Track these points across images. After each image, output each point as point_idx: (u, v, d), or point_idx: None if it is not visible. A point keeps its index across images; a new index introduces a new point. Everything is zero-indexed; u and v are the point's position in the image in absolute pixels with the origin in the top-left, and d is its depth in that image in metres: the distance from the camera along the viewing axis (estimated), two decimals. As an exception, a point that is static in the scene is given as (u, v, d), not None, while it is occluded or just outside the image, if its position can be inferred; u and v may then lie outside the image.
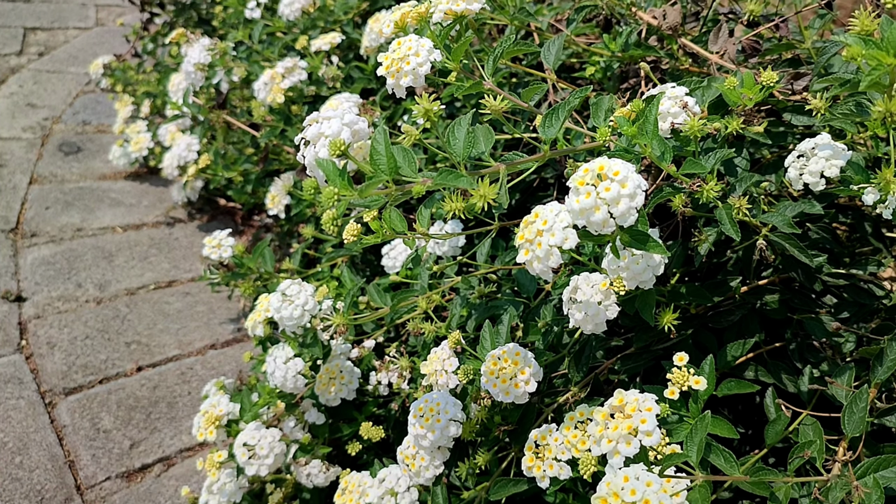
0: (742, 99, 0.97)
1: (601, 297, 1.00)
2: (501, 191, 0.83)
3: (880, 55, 0.67)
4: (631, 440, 0.75)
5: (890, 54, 0.67)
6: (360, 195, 0.74)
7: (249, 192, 1.87)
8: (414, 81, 0.95)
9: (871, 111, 0.75)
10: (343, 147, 0.75)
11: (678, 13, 1.24)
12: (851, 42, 0.70)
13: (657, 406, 0.78)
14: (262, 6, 1.86)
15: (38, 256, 1.98)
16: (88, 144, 2.44)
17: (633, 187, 0.77)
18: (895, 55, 0.67)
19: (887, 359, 0.87)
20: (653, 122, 0.87)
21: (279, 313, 1.15)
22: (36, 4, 3.27)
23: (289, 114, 1.67)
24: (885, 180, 0.85)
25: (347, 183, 0.74)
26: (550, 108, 0.93)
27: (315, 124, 0.82)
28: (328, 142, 0.76)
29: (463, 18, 1.06)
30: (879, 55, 0.67)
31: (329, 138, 0.79)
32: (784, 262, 1.09)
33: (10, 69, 2.82)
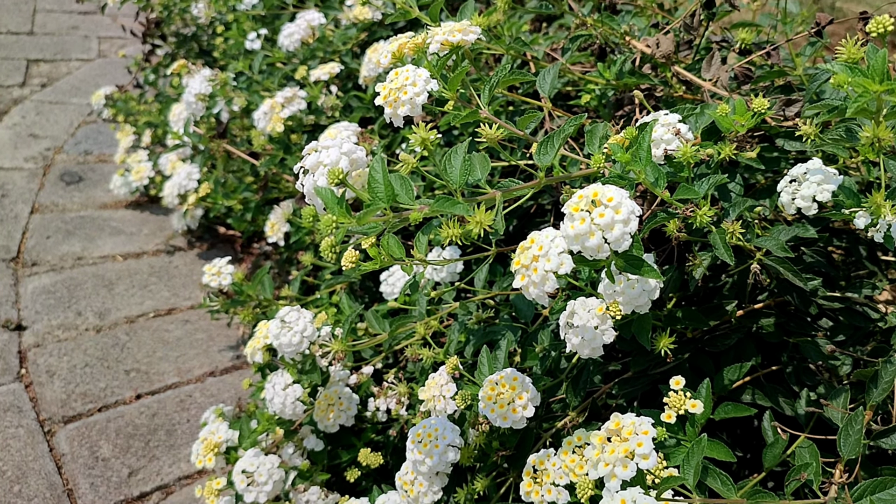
0: (734, 125, 0.98)
1: (597, 322, 1.01)
2: (497, 217, 0.84)
3: (866, 82, 0.69)
4: (628, 463, 0.76)
5: (875, 81, 0.69)
6: (358, 222, 0.75)
7: (249, 220, 1.88)
8: (411, 111, 0.97)
9: (860, 137, 0.76)
10: (341, 175, 0.76)
11: (671, 42, 1.26)
12: (838, 70, 0.71)
13: (653, 429, 0.78)
14: (262, 37, 1.89)
15: (38, 285, 1.98)
16: (90, 174, 2.46)
17: (626, 213, 0.78)
18: (880, 82, 0.68)
19: (882, 381, 0.87)
20: (646, 149, 0.89)
21: (278, 340, 1.16)
22: (39, 37, 3.31)
23: (288, 142, 1.69)
24: (875, 204, 0.87)
25: (345, 210, 0.75)
26: (546, 136, 0.95)
27: (314, 153, 0.84)
28: (326, 170, 0.78)
29: (459, 49, 1.08)
30: (865, 82, 0.69)
31: (327, 167, 0.80)
32: (779, 286, 1.10)
33: (13, 100, 2.85)
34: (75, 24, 3.45)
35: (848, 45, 0.77)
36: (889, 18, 0.76)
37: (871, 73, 0.69)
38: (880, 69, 0.69)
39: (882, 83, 0.68)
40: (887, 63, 0.69)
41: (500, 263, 1.45)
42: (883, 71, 0.69)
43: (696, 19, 1.28)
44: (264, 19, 2.01)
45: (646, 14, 1.47)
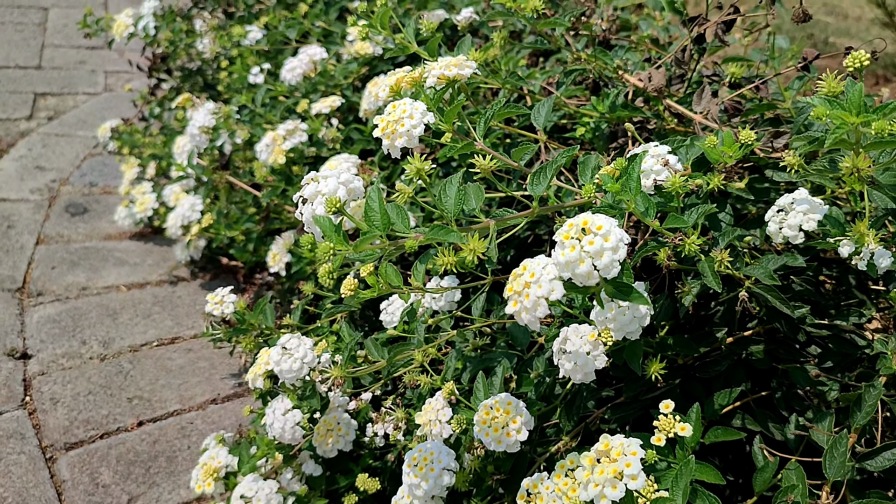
0: (722, 156, 1.01)
1: (590, 348, 1.03)
2: (491, 245, 0.87)
3: (844, 115, 0.72)
4: (617, 484, 0.78)
5: (852, 114, 0.72)
6: (355, 250, 0.78)
7: (251, 251, 1.91)
8: (408, 142, 1.00)
9: (841, 167, 0.79)
10: (339, 204, 0.79)
11: (663, 76, 1.30)
12: (817, 103, 0.75)
13: (642, 450, 0.80)
14: (265, 72, 1.93)
15: (43, 315, 2.01)
16: (95, 205, 2.50)
17: (615, 241, 0.81)
18: (857, 114, 0.71)
19: (866, 404, 0.89)
20: (635, 179, 0.92)
21: (279, 366, 1.18)
22: (47, 71, 3.37)
23: (290, 174, 1.73)
24: (859, 233, 0.90)
25: (343, 238, 0.78)
26: (539, 167, 0.98)
27: (312, 183, 0.87)
28: (325, 199, 0.81)
29: (455, 83, 1.12)
30: (843, 115, 0.72)
31: (326, 196, 0.83)
32: (768, 314, 1.12)
33: (20, 133, 2.90)
34: (83, 58, 3.51)
35: (828, 79, 0.80)
36: (865, 54, 0.80)
37: (849, 106, 0.72)
38: (857, 102, 0.72)
39: (858, 115, 0.72)
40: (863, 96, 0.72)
41: (497, 293, 1.48)
42: (859, 103, 0.72)
43: (687, 54, 1.32)
44: (267, 54, 2.06)
45: (639, 49, 1.52)
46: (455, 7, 1.89)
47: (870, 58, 0.80)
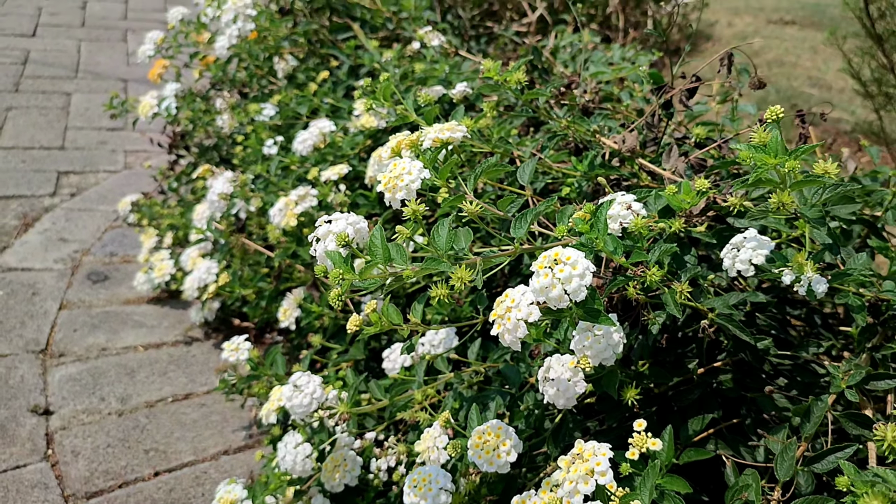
0: (682, 203, 1.15)
1: (570, 374, 1.14)
2: (477, 276, 1.00)
3: (764, 157, 0.86)
4: (588, 480, 0.89)
5: (771, 156, 0.86)
6: (360, 277, 0.91)
7: (263, 308, 2.04)
8: (407, 195, 1.15)
9: (770, 202, 0.93)
10: (347, 239, 0.93)
11: (635, 138, 1.45)
12: (742, 148, 0.89)
13: (610, 452, 0.91)
14: (278, 144, 2.10)
15: (65, 374, 2.13)
16: (115, 273, 2.65)
17: (582, 269, 0.94)
18: (775, 156, 0.85)
19: (813, 416, 1.00)
20: (603, 221, 1.05)
21: (290, 402, 1.30)
22: (70, 151, 3.57)
23: (301, 236, 1.87)
24: (798, 263, 1.02)
25: (350, 268, 0.91)
26: (521, 213, 1.12)
27: (325, 224, 1.01)
28: (335, 236, 0.94)
29: (448, 145, 1.27)
30: (764, 157, 0.86)
31: (336, 233, 0.97)
32: (734, 345, 1.24)
33: (44, 208, 3.07)
34: (103, 139, 3.72)
35: (759, 131, 0.95)
36: (779, 108, 0.94)
37: (769, 150, 0.86)
38: (775, 147, 0.86)
39: (776, 157, 0.85)
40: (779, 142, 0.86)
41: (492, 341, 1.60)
42: (776, 148, 0.86)
43: (656, 118, 1.48)
44: (280, 128, 2.23)
45: (615, 117, 1.68)
46: (452, 83, 2.07)
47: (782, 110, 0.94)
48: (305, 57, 2.66)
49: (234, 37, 2.38)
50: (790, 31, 5.19)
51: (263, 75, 2.66)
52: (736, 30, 5.16)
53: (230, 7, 2.36)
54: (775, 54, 4.64)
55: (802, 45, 4.85)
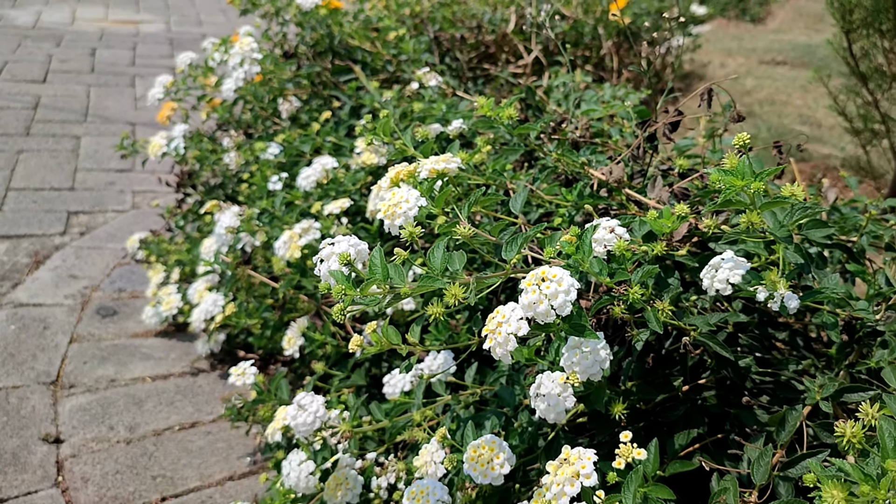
0: (663, 227, 1.23)
1: (560, 390, 1.21)
2: (470, 294, 1.07)
3: (732, 180, 0.94)
4: (574, 482, 0.94)
5: (738, 179, 0.93)
6: (361, 293, 0.98)
7: (268, 337, 2.10)
8: (405, 222, 1.22)
9: (740, 222, 1.00)
10: (348, 258, 1.00)
11: (621, 170, 1.54)
12: (713, 172, 0.97)
13: (595, 456, 0.97)
14: (282, 180, 2.19)
15: (75, 404, 2.19)
16: (123, 308, 2.72)
17: (567, 285, 1.01)
18: (742, 179, 0.93)
19: (788, 424, 1.06)
20: (588, 244, 1.13)
21: (295, 420, 1.36)
22: (79, 192, 3.67)
23: (304, 267, 1.94)
24: (771, 281, 1.09)
25: (352, 285, 0.99)
26: (512, 238, 1.20)
27: (329, 247, 1.08)
28: (338, 256, 1.02)
29: (444, 175, 1.35)
30: (732, 180, 0.94)
31: (339, 254, 1.04)
32: (717, 363, 1.30)
33: (55, 247, 3.15)
34: (112, 180, 3.82)
35: (730, 156, 1.03)
36: (746, 135, 1.02)
37: (736, 173, 0.94)
38: (742, 170, 0.94)
39: (743, 180, 0.93)
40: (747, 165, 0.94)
41: (488, 365, 1.66)
42: (744, 171, 0.94)
43: (641, 151, 1.57)
44: (284, 166, 2.32)
45: (604, 151, 1.76)
46: (449, 121, 2.16)
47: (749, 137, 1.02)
48: (309, 98, 2.76)
49: (241, 79, 2.48)
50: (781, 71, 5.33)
51: (268, 116, 2.76)
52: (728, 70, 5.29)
53: (237, 51, 2.47)
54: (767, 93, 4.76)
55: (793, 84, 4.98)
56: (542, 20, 1.97)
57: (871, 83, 2.99)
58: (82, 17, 6.71)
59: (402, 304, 1.83)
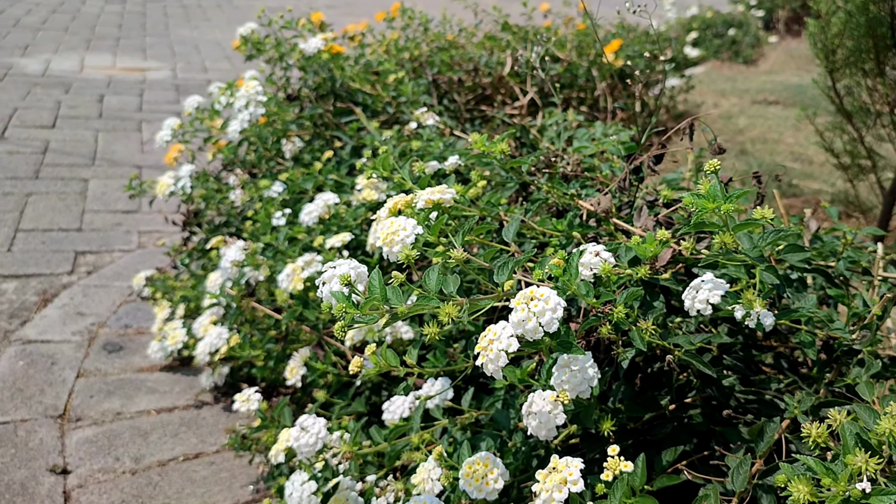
0: (646, 251, 1.30)
1: (550, 408, 1.26)
2: (463, 314, 1.13)
3: (704, 202, 1.01)
4: (562, 489, 1.00)
5: (710, 201, 1.00)
6: (361, 311, 1.05)
7: (271, 368, 2.16)
8: (402, 249, 1.29)
9: (714, 243, 1.07)
10: (348, 279, 1.07)
11: (609, 200, 1.61)
12: (686, 196, 1.04)
13: (582, 465, 1.03)
14: (286, 216, 2.27)
15: (82, 436, 2.23)
16: (129, 344, 2.77)
17: (554, 304, 1.07)
18: (713, 201, 1.00)
19: (766, 435, 1.12)
20: (575, 266, 1.20)
21: (298, 441, 1.41)
22: (87, 232, 3.75)
23: (306, 299, 2.01)
24: (748, 300, 1.16)
25: (352, 304, 1.05)
26: (503, 262, 1.26)
27: (330, 269, 1.15)
28: (339, 277, 1.09)
29: (439, 206, 1.42)
30: (703, 202, 1.01)
31: (339, 276, 1.11)
32: (701, 382, 1.36)
33: (62, 286, 3.22)
34: (118, 221, 3.91)
35: (704, 183, 1.10)
36: (717, 161, 1.09)
37: (707, 196, 1.01)
38: (713, 192, 1.01)
39: (713, 202, 1.00)
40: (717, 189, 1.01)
41: (484, 391, 1.72)
42: (715, 194, 1.01)
43: (627, 182, 1.64)
44: (287, 203, 2.40)
45: (593, 184, 1.84)
46: (446, 158, 2.25)
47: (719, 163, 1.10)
48: (311, 139, 2.86)
49: (246, 121, 2.58)
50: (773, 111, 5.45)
51: (272, 157, 2.85)
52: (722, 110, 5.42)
53: (242, 94, 2.57)
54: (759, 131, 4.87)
55: (785, 123, 5.09)
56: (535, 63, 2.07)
57: (856, 120, 3.08)
58: (90, 64, 6.88)
59: (401, 333, 1.89)
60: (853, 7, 2.82)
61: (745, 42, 7.81)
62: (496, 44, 4.05)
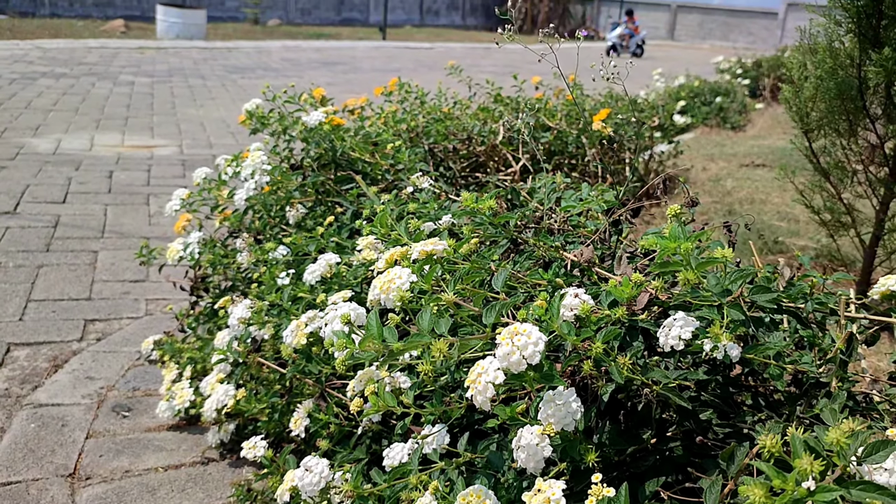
0: (622, 293, 1.41)
1: (538, 440, 1.35)
2: (454, 351, 1.24)
3: (666, 242, 1.12)
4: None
5: (672, 241, 1.12)
6: (360, 347, 1.15)
7: (276, 421, 2.24)
8: (398, 295, 1.41)
9: (679, 279, 1.19)
10: (348, 318, 1.18)
11: (591, 251, 1.73)
12: (650, 236, 1.16)
13: (564, 484, 1.11)
14: (290, 276, 2.39)
15: (91, 494, 2.30)
16: (137, 405, 2.86)
17: (535, 338, 1.18)
18: (674, 241, 1.12)
19: (737, 458, 1.21)
20: (557, 307, 1.31)
21: (302, 481, 1.49)
22: (96, 301, 3.87)
23: (309, 353, 2.11)
24: (715, 333, 1.27)
25: (351, 341, 1.16)
26: (490, 306, 1.38)
27: (333, 311, 1.26)
28: (339, 317, 1.20)
29: (433, 256, 1.54)
30: (665, 243, 1.12)
31: (340, 315, 1.22)
32: (680, 416, 1.45)
33: (72, 352, 3.32)
34: (127, 290, 4.02)
35: (669, 226, 1.22)
36: (677, 206, 1.21)
37: (669, 237, 1.13)
38: (675, 233, 1.13)
39: (675, 242, 1.12)
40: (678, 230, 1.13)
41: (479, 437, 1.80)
42: (676, 235, 1.12)
43: (608, 234, 1.76)
44: (291, 264, 2.52)
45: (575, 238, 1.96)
46: (440, 219, 2.38)
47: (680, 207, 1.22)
48: (314, 205, 3.00)
49: (252, 189, 2.72)
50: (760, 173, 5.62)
51: (276, 224, 2.99)
52: (710, 173, 5.59)
53: (248, 163, 2.72)
54: (746, 192, 5.03)
55: (771, 184, 5.26)
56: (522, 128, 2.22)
57: (833, 178, 3.23)
58: (100, 143, 7.12)
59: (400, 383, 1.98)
60: (822, 73, 2.99)
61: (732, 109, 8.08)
62: (489, 114, 4.24)
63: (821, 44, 3.09)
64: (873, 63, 2.85)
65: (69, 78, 11.16)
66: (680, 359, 1.56)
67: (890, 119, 3.07)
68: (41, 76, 11.10)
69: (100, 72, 12.09)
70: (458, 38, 27.41)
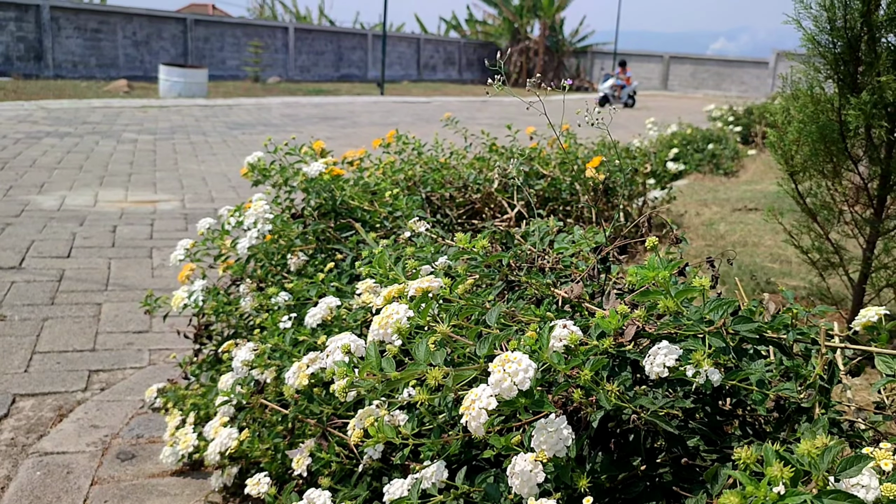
0: (608, 325, 1.48)
1: (531, 467, 1.41)
2: (449, 380, 1.30)
3: (645, 272, 1.20)
4: (537, 525, 1.14)
5: (651, 271, 1.20)
6: (360, 375, 1.22)
7: (279, 462, 2.28)
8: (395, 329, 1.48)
9: (659, 307, 1.26)
10: (348, 347, 1.25)
11: (581, 288, 1.80)
12: (632, 268, 1.23)
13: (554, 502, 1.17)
14: (292, 320, 2.46)
15: (97, 539, 2.33)
16: (141, 452, 2.90)
17: (525, 365, 1.25)
18: (653, 270, 1.19)
19: (721, 478, 1.26)
20: (546, 338, 1.38)
21: (304, 513, 1.54)
22: (100, 352, 3.92)
23: (311, 394, 2.17)
24: (697, 360, 1.33)
25: (351, 369, 1.23)
26: (483, 338, 1.44)
27: (334, 342, 1.33)
28: (340, 347, 1.26)
29: (428, 293, 1.62)
30: (645, 272, 1.20)
31: (341, 346, 1.29)
32: (668, 442, 1.51)
33: (77, 402, 3.37)
34: (130, 341, 4.08)
35: (651, 259, 1.30)
36: (655, 238, 1.30)
37: (649, 267, 1.20)
38: (652, 263, 1.20)
39: (654, 271, 1.19)
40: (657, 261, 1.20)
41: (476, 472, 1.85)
42: (654, 265, 1.20)
43: (596, 272, 1.84)
44: (292, 308, 2.60)
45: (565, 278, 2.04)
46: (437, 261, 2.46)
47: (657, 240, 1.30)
48: (314, 253, 3.08)
49: (254, 237, 2.81)
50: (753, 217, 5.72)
51: (277, 272, 3.07)
52: (703, 218, 5.69)
53: (251, 213, 2.82)
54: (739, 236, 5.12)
55: (764, 227, 5.35)
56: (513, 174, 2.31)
57: (820, 218, 3.32)
58: (104, 199, 7.25)
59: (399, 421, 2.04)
60: (805, 117, 3.11)
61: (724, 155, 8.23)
62: (485, 163, 4.36)
63: (802, 90, 3.21)
64: (852, 107, 2.97)
65: (73, 137, 11.37)
66: (668, 389, 1.62)
67: (872, 160, 3.17)
68: (46, 135, 11.32)
69: (103, 130, 12.32)
70: (455, 93, 27.95)
